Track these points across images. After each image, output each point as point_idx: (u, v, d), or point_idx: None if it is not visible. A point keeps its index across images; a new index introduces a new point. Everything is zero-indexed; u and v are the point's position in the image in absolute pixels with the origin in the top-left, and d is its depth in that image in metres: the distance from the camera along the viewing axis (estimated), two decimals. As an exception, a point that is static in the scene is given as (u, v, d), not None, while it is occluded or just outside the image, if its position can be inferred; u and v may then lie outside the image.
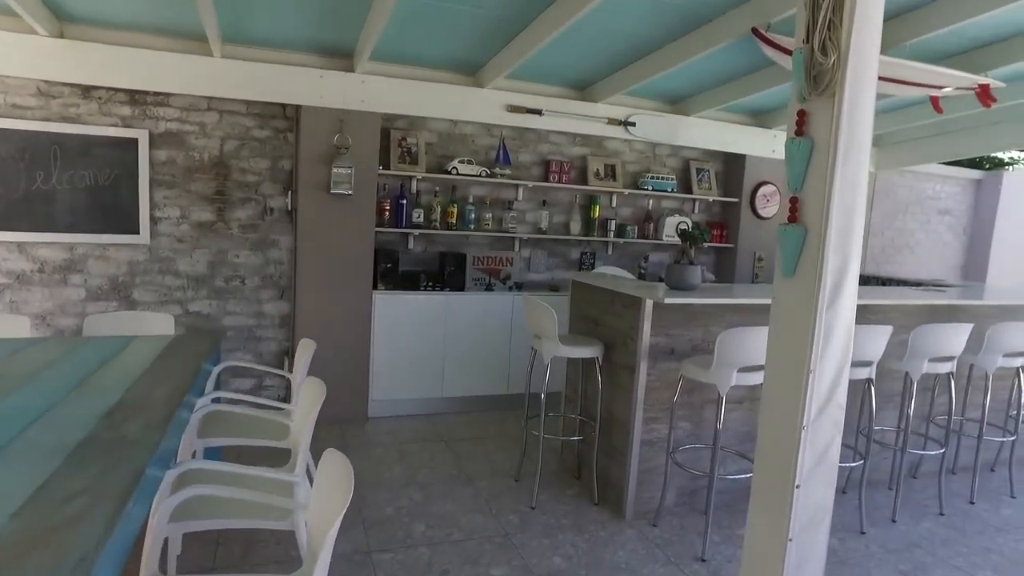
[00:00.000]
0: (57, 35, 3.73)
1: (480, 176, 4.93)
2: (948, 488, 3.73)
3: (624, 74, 4.46)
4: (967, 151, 5.79)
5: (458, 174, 4.86)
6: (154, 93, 4.18)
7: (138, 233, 4.25)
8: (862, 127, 1.73)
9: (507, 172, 5.04)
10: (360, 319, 4.57)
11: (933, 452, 3.64)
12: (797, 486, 1.86)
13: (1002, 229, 7.31)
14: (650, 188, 5.51)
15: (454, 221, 4.92)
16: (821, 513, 1.92)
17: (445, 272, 4.83)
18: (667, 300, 2.98)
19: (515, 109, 4.79)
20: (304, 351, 3.06)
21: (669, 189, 5.58)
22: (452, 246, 5.11)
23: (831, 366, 1.83)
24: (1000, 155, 8.27)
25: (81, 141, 4.02)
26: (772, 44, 3.19)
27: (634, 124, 5.13)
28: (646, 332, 3.17)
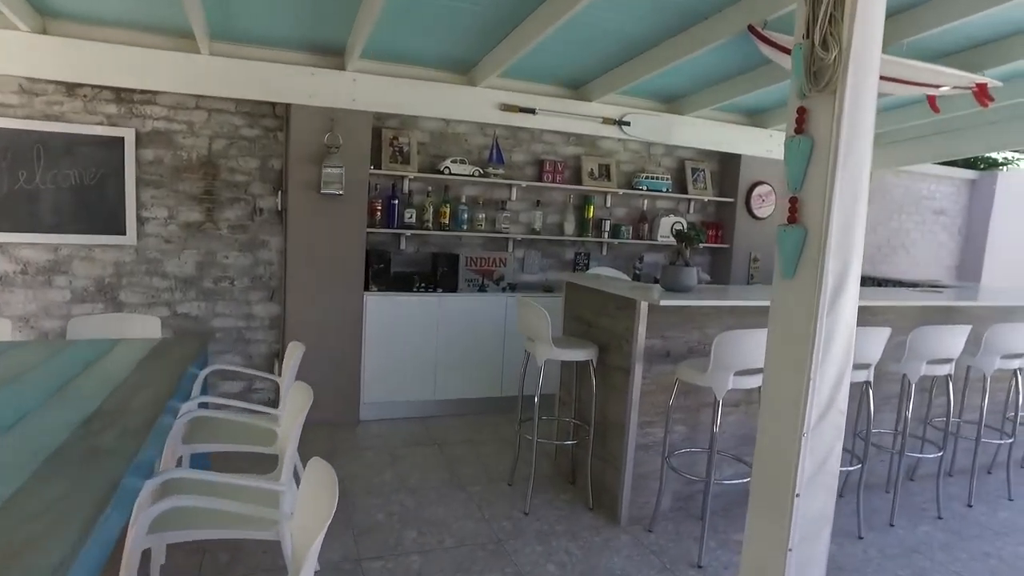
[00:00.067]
0: (40, 31, 3.65)
1: (473, 176, 4.87)
2: (945, 491, 3.69)
3: (618, 73, 4.40)
4: (963, 151, 5.77)
5: (451, 174, 4.80)
6: (141, 91, 4.10)
7: (124, 234, 4.17)
8: (863, 125, 1.68)
9: (500, 172, 4.98)
10: (351, 321, 4.51)
11: (931, 455, 3.60)
12: (797, 495, 1.80)
13: (997, 229, 7.30)
14: (645, 188, 5.46)
15: (447, 221, 4.85)
16: (821, 522, 1.87)
17: (438, 273, 4.76)
18: (662, 302, 2.92)
19: (508, 108, 4.73)
20: (293, 354, 2.99)
21: (664, 189, 5.53)
22: (445, 247, 5.05)
23: (832, 371, 1.78)
24: (994, 155, 8.25)
25: (65, 140, 3.93)
26: (769, 42, 3.14)
27: (628, 123, 5.08)
28: (641, 334, 3.11)
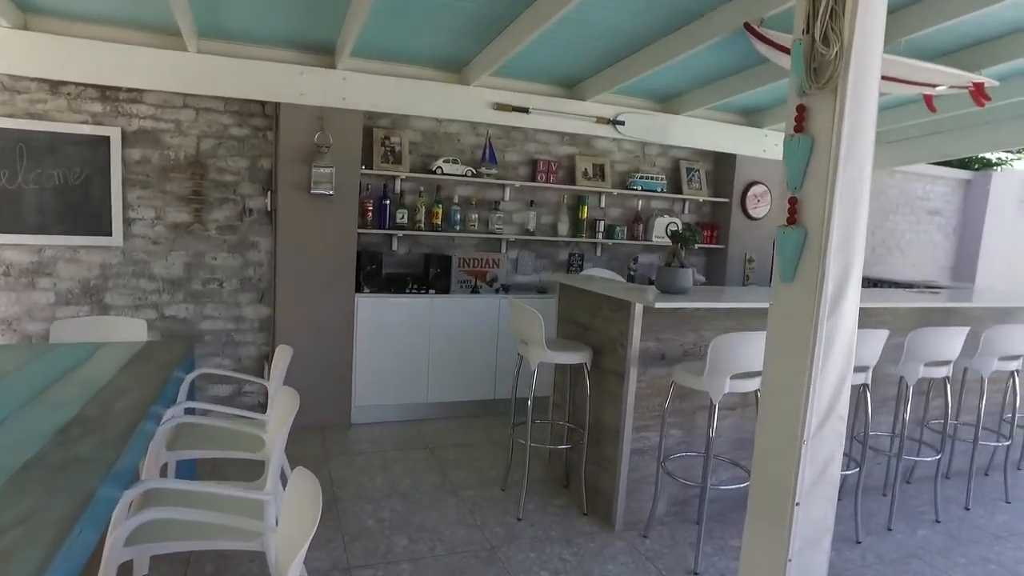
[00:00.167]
0: (21, 27, 3.57)
1: (466, 176, 4.81)
2: (943, 494, 3.66)
3: (613, 71, 4.35)
4: (959, 151, 5.75)
5: (443, 174, 4.74)
6: (127, 89, 4.02)
7: (110, 235, 4.09)
8: (865, 123, 1.63)
9: (493, 172, 4.92)
10: (342, 323, 4.44)
11: (929, 458, 3.57)
12: (797, 504, 1.75)
13: (991, 230, 7.29)
14: (639, 188, 5.41)
15: (439, 222, 4.79)
16: (821, 532, 1.82)
17: (430, 274, 4.70)
18: (658, 304, 2.87)
19: (501, 107, 4.68)
20: (281, 357, 2.93)
21: (659, 189, 5.49)
22: (437, 248, 4.99)
23: (832, 376, 1.73)
24: (989, 155, 8.24)
25: (49, 139, 3.85)
26: (765, 40, 3.10)
27: (623, 123, 5.04)
28: (636, 337, 3.06)
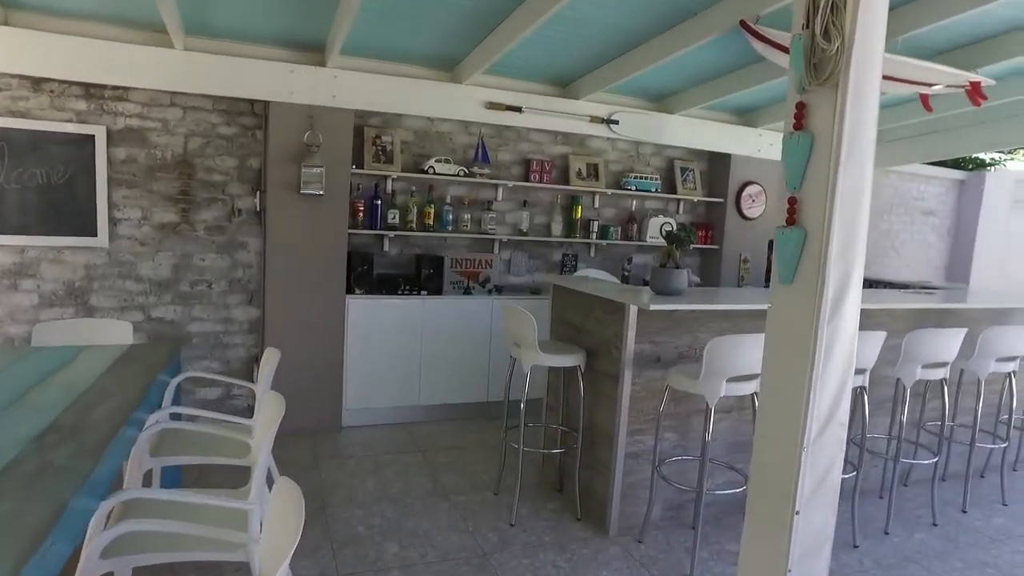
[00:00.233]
0: (2, 22, 3.48)
1: (458, 176, 4.75)
2: (939, 496, 3.62)
3: (607, 70, 4.30)
4: (953, 151, 5.73)
5: (435, 173, 4.68)
6: (112, 87, 3.94)
7: (96, 235, 4.01)
8: (866, 120, 1.59)
9: (486, 171, 4.87)
10: (333, 324, 4.38)
11: (926, 461, 3.53)
12: (796, 512, 1.71)
13: (985, 230, 7.28)
14: (633, 188, 5.36)
15: (431, 222, 4.73)
16: (822, 541, 1.77)
17: (422, 275, 4.64)
18: (652, 306, 2.82)
19: (494, 106, 4.62)
20: (269, 360, 2.86)
21: (653, 189, 5.44)
22: (429, 248, 4.92)
23: (833, 381, 1.68)
24: (982, 156, 8.24)
25: (32, 137, 3.77)
26: (761, 38, 3.05)
27: (617, 122, 4.99)
28: (630, 339, 3.01)
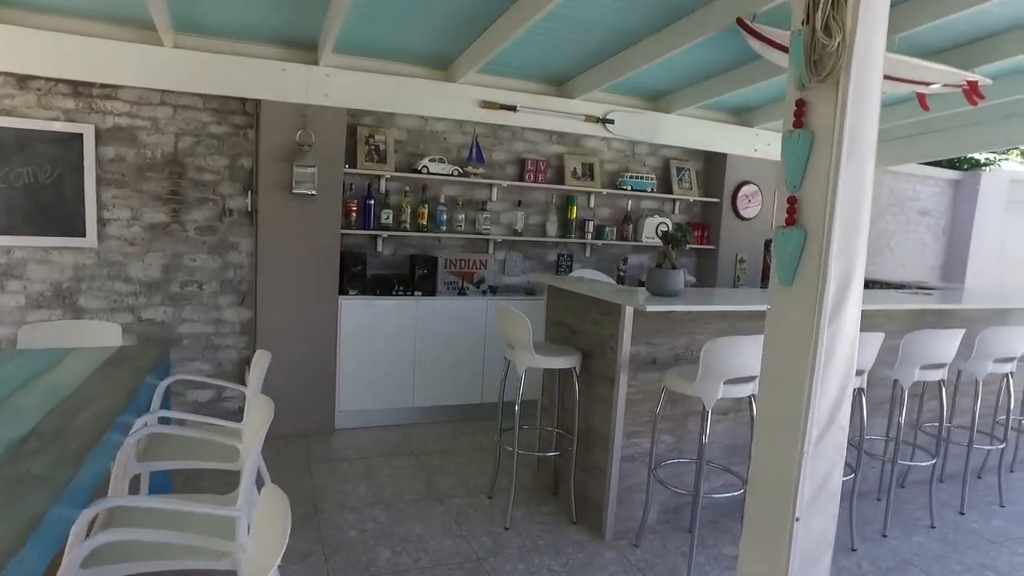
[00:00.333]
0: (-13, 20, 3.44)
1: (452, 175, 4.71)
2: (936, 498, 3.59)
3: (602, 69, 4.26)
4: (949, 151, 5.72)
5: (429, 173, 4.63)
6: (100, 85, 3.88)
7: (84, 236, 3.95)
8: (867, 117, 1.55)
9: (480, 171, 4.82)
10: (326, 325, 4.33)
11: (924, 463, 3.51)
12: (796, 519, 1.67)
13: (980, 230, 7.27)
14: (629, 188, 5.33)
15: (425, 222, 4.68)
16: (822, 548, 1.73)
17: (415, 276, 4.59)
18: (649, 307, 2.78)
19: (488, 105, 4.58)
20: (259, 363, 2.81)
21: (649, 189, 5.41)
22: (423, 248, 4.88)
23: (833, 385, 1.64)
24: (976, 156, 8.24)
25: (18, 135, 3.70)
26: (758, 36, 3.02)
27: (612, 121, 4.95)
28: (626, 341, 2.97)
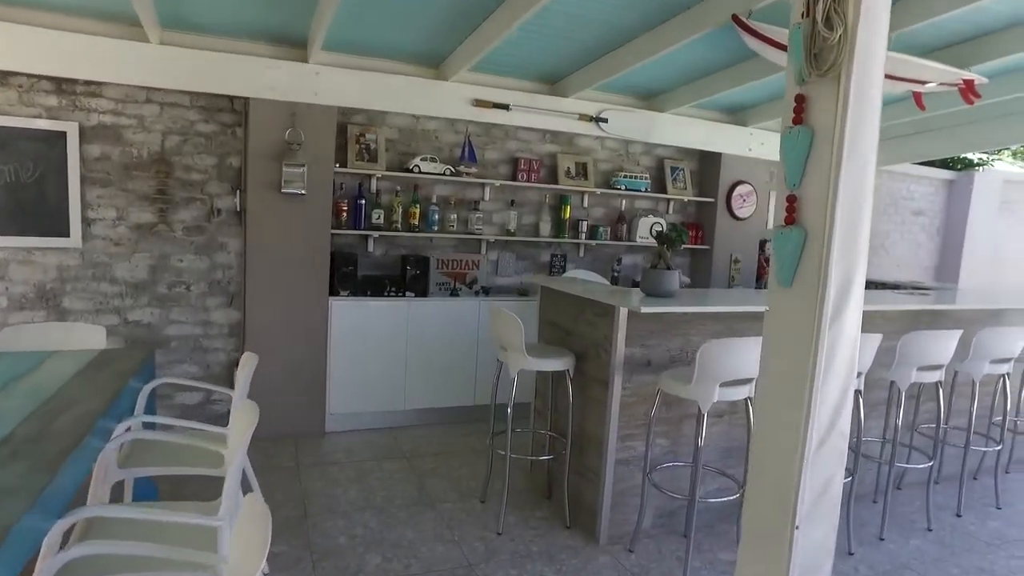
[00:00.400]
0: (-34, 15, 3.36)
1: (444, 175, 4.65)
2: (933, 500, 3.56)
3: (596, 67, 4.22)
4: (943, 151, 5.70)
5: (421, 172, 4.57)
6: (84, 82, 3.81)
7: (68, 236, 3.87)
8: (870, 113, 1.50)
9: (473, 170, 4.76)
10: (316, 327, 4.26)
11: (922, 465, 3.47)
12: (796, 527, 1.62)
13: (973, 230, 7.26)
14: (623, 187, 5.28)
15: (416, 222, 4.62)
16: (823, 556, 1.68)
17: (407, 276, 4.53)
18: (643, 309, 2.73)
19: (481, 104, 4.52)
20: (246, 365, 2.75)
21: (643, 189, 5.36)
22: (414, 249, 4.82)
23: (834, 389, 1.59)
24: (970, 156, 8.23)
25: (-1, 133, 3.64)
26: (754, 33, 2.97)
27: (606, 120, 4.91)
28: (620, 342, 2.92)
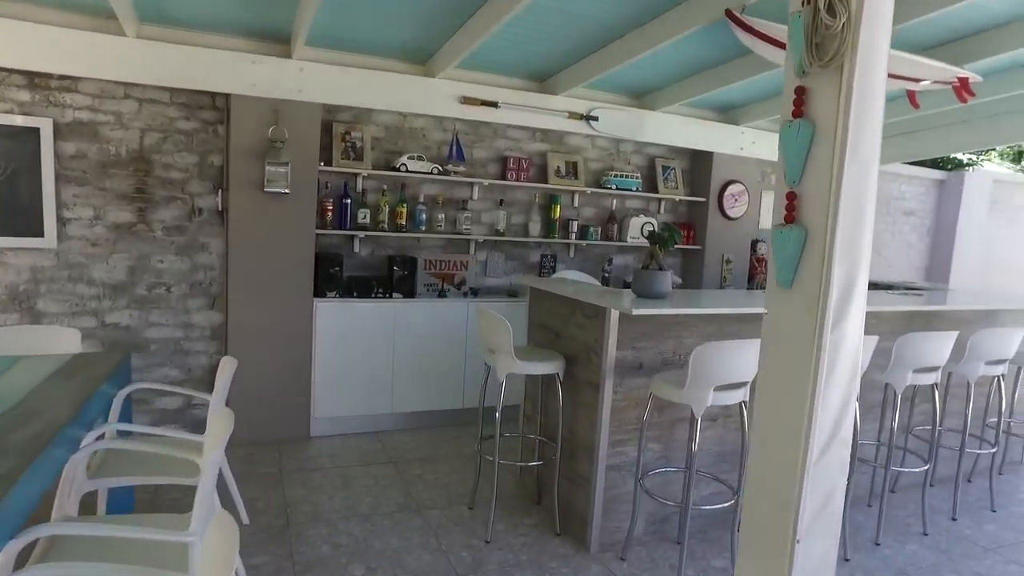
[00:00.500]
0: (-66, 6, 3.24)
1: (432, 173, 4.55)
2: (928, 503, 3.51)
3: (586, 64, 4.14)
4: (938, 150, 5.68)
5: (408, 171, 4.48)
6: (58, 76, 3.69)
7: (42, 236, 3.75)
8: (873, 106, 1.43)
9: (461, 169, 4.68)
10: (300, 329, 4.16)
11: (917, 469, 3.42)
12: (797, 540, 1.55)
13: (964, 230, 7.25)
14: (614, 187, 5.21)
15: (403, 222, 4.53)
16: (824, 570, 1.61)
17: (394, 277, 4.43)
18: (635, 310, 2.66)
19: (469, 101, 4.44)
20: (225, 370, 2.65)
21: (634, 188, 5.30)
22: (401, 249, 4.72)
23: (836, 395, 1.52)
24: (959, 155, 8.24)
25: (-31, 130, 3.51)
26: (748, 28, 2.90)
27: (596, 118, 4.83)
28: (611, 345, 2.84)
